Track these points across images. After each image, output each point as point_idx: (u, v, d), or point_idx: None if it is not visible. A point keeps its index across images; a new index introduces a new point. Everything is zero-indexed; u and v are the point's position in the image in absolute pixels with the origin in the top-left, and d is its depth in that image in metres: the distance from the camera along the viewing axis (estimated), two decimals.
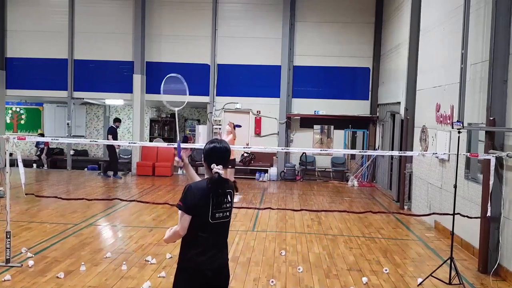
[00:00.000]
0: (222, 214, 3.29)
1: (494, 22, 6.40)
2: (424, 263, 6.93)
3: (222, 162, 3.29)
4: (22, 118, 19.95)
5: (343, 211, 10.13)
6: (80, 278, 5.81)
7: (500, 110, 6.31)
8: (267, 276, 6.10)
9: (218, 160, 3.28)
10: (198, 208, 3.21)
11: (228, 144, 3.43)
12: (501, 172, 6.33)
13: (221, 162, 3.28)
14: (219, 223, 3.29)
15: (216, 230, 3.29)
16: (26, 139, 9.26)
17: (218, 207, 3.26)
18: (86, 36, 16.09)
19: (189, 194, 3.23)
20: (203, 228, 3.24)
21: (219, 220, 3.28)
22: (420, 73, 10.37)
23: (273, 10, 15.70)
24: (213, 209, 3.24)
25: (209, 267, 3.24)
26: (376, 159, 14.97)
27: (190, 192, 3.23)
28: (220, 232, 3.34)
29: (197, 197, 3.20)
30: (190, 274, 3.26)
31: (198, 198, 3.20)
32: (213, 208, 3.24)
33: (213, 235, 3.28)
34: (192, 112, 19.46)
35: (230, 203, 3.34)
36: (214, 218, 3.25)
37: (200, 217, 3.23)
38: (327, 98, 15.85)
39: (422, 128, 9.87)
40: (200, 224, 3.24)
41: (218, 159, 3.28)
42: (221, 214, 3.29)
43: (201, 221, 3.23)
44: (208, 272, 3.24)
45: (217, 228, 3.29)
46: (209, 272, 3.24)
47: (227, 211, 3.33)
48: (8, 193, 6.33)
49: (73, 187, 13.00)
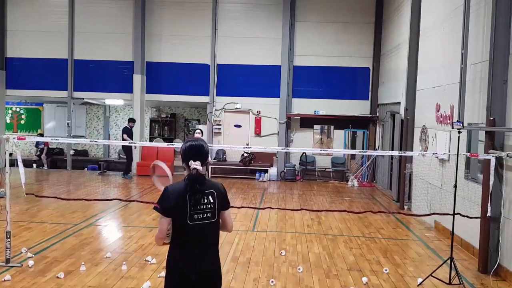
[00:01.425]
0: (202, 215, 3.22)
1: (494, 22, 6.40)
2: (424, 263, 6.93)
3: (200, 158, 3.28)
4: (22, 118, 19.96)
5: (343, 211, 10.12)
6: (80, 278, 5.81)
7: (500, 110, 6.31)
8: (267, 276, 6.10)
9: (195, 156, 3.28)
10: (175, 210, 3.18)
11: (203, 141, 3.41)
12: (501, 172, 6.33)
13: (199, 158, 3.27)
14: (200, 224, 3.22)
15: (197, 232, 3.22)
16: (26, 139, 9.26)
17: (195, 208, 3.20)
18: (86, 36, 16.09)
19: (165, 196, 3.21)
20: (182, 230, 3.21)
21: (199, 221, 3.22)
22: (420, 73, 10.36)
23: (273, 10, 15.70)
24: (191, 210, 3.19)
25: (193, 271, 3.20)
26: (376, 159, 14.97)
27: (166, 194, 3.21)
28: (202, 234, 3.25)
29: (173, 199, 3.18)
30: (175, 276, 3.24)
31: (174, 199, 3.17)
32: (191, 209, 3.19)
33: (194, 237, 3.23)
34: (192, 112, 19.46)
35: (211, 204, 3.26)
36: (193, 219, 3.20)
37: (179, 219, 3.20)
38: (327, 98, 15.85)
39: (422, 128, 9.87)
40: (179, 226, 3.21)
41: (195, 156, 3.28)
42: (201, 215, 3.22)
43: (180, 223, 3.20)
44: (192, 276, 3.20)
45: (198, 230, 3.22)
46: (193, 275, 3.20)
47: (208, 212, 3.25)
48: (8, 193, 6.33)
49: (73, 187, 13.00)
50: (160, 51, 16.01)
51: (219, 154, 16.05)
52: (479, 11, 7.24)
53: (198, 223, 3.22)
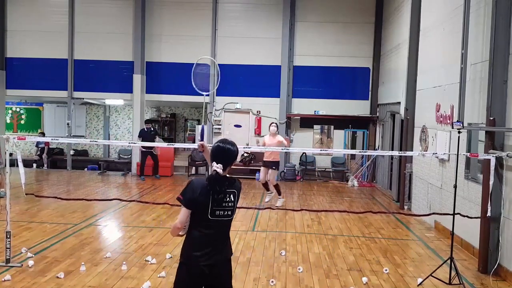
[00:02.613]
0: (222, 212, 3.34)
1: (494, 22, 6.39)
2: (424, 263, 6.93)
3: (223, 161, 3.36)
4: (22, 118, 19.96)
5: (343, 211, 10.12)
6: (80, 278, 5.81)
7: (500, 110, 6.31)
8: (267, 276, 6.10)
9: (218, 159, 3.36)
10: (198, 203, 3.27)
11: (231, 144, 3.45)
12: (501, 172, 6.33)
13: (222, 161, 3.35)
14: (220, 220, 3.35)
15: (215, 227, 3.35)
16: (26, 139, 9.26)
17: (219, 205, 3.31)
18: (86, 36, 16.09)
19: (189, 188, 3.31)
20: (202, 224, 3.31)
21: (219, 218, 3.34)
22: (420, 73, 10.36)
23: (273, 10, 15.70)
24: (213, 206, 3.30)
25: (205, 263, 3.29)
26: (376, 159, 14.97)
27: (191, 187, 3.31)
28: (219, 230, 3.39)
29: (196, 192, 3.27)
30: (188, 268, 3.33)
31: (198, 193, 3.26)
32: (213, 205, 3.29)
33: (212, 232, 3.34)
34: (192, 112, 19.45)
35: (232, 202, 3.38)
36: (214, 215, 3.31)
37: (200, 213, 3.29)
38: (327, 98, 15.84)
39: (422, 128, 9.87)
40: (200, 220, 3.31)
41: (219, 158, 3.36)
42: (222, 212, 3.34)
43: (201, 217, 3.30)
44: (205, 268, 3.29)
45: (216, 225, 3.35)
46: (205, 268, 3.29)
47: (229, 210, 3.37)
48: (8, 193, 6.34)
49: (73, 187, 13.00)
50: (160, 51, 16.01)
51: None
52: (479, 11, 7.24)
53: (218, 219, 3.34)
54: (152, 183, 13.79)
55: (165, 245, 7.30)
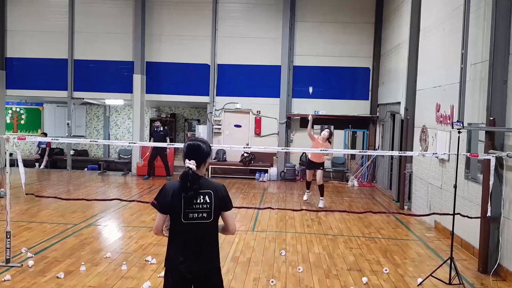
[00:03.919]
0: (196, 215, 3.23)
1: (494, 22, 6.39)
2: (424, 263, 6.93)
3: (195, 157, 3.29)
4: (22, 118, 19.96)
5: (343, 211, 10.12)
6: (80, 278, 5.81)
7: (500, 110, 6.31)
8: (267, 276, 6.10)
9: (190, 155, 3.31)
10: (171, 206, 3.21)
11: (203, 142, 3.38)
12: (501, 172, 6.33)
13: (194, 157, 3.29)
14: (194, 223, 3.23)
15: (191, 231, 3.24)
16: (26, 139, 9.24)
17: (189, 205, 3.22)
18: (86, 36, 16.09)
19: (162, 192, 3.26)
20: (177, 228, 3.25)
21: (194, 220, 3.23)
22: (420, 73, 10.36)
23: (273, 10, 15.69)
24: (185, 209, 3.21)
25: (187, 270, 3.21)
26: (376, 159, 14.97)
27: (164, 190, 3.26)
28: (197, 234, 3.26)
29: (169, 195, 3.21)
30: (172, 275, 3.27)
31: (170, 196, 3.21)
32: (186, 207, 3.21)
33: (189, 236, 3.24)
34: (192, 112, 19.46)
35: (207, 203, 3.25)
36: (187, 218, 3.22)
37: (174, 217, 3.24)
38: (327, 98, 15.83)
39: (422, 128, 9.87)
40: (174, 224, 3.25)
41: (191, 155, 3.31)
42: (196, 215, 3.23)
43: (175, 220, 3.24)
44: (187, 275, 3.21)
45: (192, 229, 3.24)
46: (188, 274, 3.21)
47: (203, 212, 3.24)
48: (8, 193, 6.34)
49: (73, 187, 13.00)
50: (160, 51, 16.01)
51: (219, 154, 16.04)
52: (479, 11, 7.24)
53: (193, 222, 3.23)
54: (152, 183, 13.79)
55: (165, 245, 7.24)
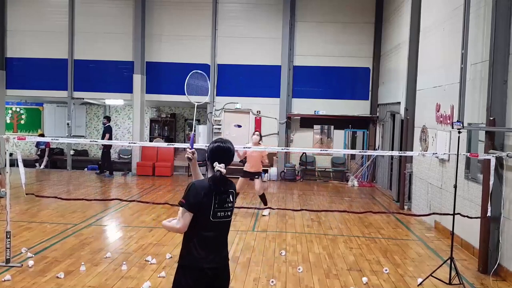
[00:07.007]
0: (223, 213, 3.33)
1: (494, 22, 6.40)
2: (424, 263, 6.93)
3: (225, 161, 3.36)
4: (22, 118, 19.96)
5: (343, 211, 10.12)
6: (80, 278, 5.81)
7: (500, 110, 6.31)
8: (267, 276, 6.10)
9: (220, 159, 3.35)
10: (201, 206, 3.24)
11: (230, 143, 3.47)
12: (501, 172, 6.33)
13: (224, 161, 3.35)
14: (220, 222, 3.33)
15: (216, 228, 3.33)
16: (26, 139, 9.26)
17: (220, 206, 3.30)
18: (86, 36, 16.09)
19: (192, 192, 3.25)
20: (204, 226, 3.28)
21: (220, 219, 3.33)
22: (420, 73, 10.36)
23: (273, 10, 15.70)
24: (215, 208, 3.28)
25: (209, 266, 3.27)
26: (376, 159, 14.97)
27: (194, 190, 3.26)
28: (220, 231, 3.37)
29: (200, 195, 3.23)
30: (190, 271, 3.28)
31: (201, 196, 3.23)
32: (215, 207, 3.28)
33: (214, 233, 3.32)
34: (192, 112, 19.45)
35: (232, 203, 3.38)
36: (216, 216, 3.29)
37: (202, 215, 3.26)
38: (327, 98, 15.84)
39: (422, 128, 9.87)
40: (202, 222, 3.27)
41: (221, 158, 3.35)
42: (223, 213, 3.32)
43: (203, 219, 3.27)
44: (208, 271, 3.27)
45: (217, 227, 3.33)
46: (208, 271, 3.27)
47: (229, 210, 3.37)
48: (8, 193, 6.34)
49: (73, 187, 13.00)
50: (160, 51, 16.00)
51: None
52: (479, 11, 7.24)
53: (220, 221, 3.32)
54: (152, 183, 13.78)
55: (165, 245, 7.30)
